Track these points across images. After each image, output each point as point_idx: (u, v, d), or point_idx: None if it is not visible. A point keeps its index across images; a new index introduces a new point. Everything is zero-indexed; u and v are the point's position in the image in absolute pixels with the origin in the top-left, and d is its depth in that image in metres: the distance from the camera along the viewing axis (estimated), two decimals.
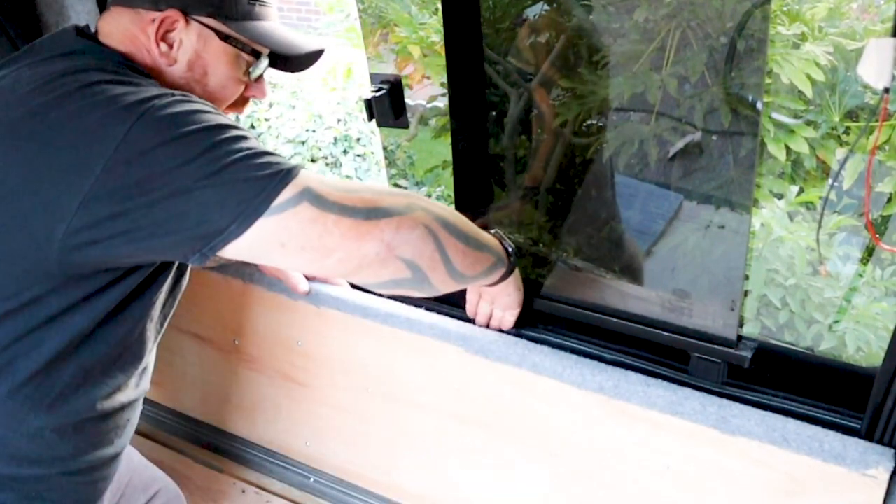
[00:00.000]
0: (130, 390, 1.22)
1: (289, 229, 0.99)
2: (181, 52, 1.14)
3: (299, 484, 1.79)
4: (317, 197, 1.00)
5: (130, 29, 1.14)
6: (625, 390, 1.33)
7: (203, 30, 1.15)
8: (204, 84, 1.17)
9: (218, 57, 1.17)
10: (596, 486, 1.41)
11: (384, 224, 1.02)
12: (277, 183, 0.98)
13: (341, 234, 1.00)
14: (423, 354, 1.51)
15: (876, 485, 1.15)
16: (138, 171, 0.96)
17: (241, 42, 1.17)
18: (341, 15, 4.00)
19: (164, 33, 1.13)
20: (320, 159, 3.90)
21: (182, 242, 1.00)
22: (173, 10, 1.12)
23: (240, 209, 0.97)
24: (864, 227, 1.94)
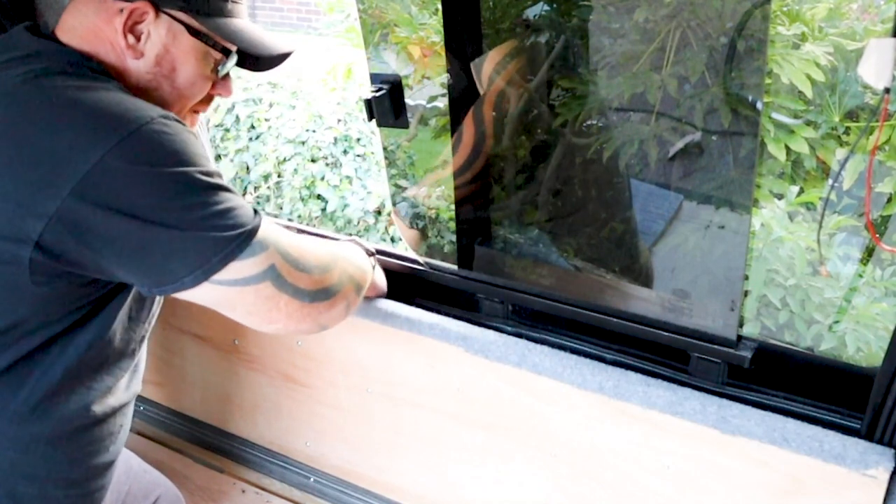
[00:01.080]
0: (121, 393, 1.21)
1: (245, 300, 1.06)
2: (149, 45, 1.10)
3: (299, 484, 1.79)
4: (278, 276, 1.06)
5: (94, 21, 1.09)
6: (625, 390, 1.33)
7: (173, 23, 1.11)
8: (172, 80, 1.14)
9: (187, 52, 1.13)
10: (596, 485, 1.41)
11: (322, 307, 1.14)
12: (237, 246, 1.01)
13: (287, 314, 1.10)
14: (423, 354, 1.51)
15: (876, 485, 1.15)
16: (109, 199, 0.95)
17: (212, 38, 1.15)
18: (341, 15, 4.00)
19: (132, 25, 1.09)
20: (320, 159, 3.90)
21: (136, 275, 1.02)
22: (143, 2, 1.09)
23: (198, 264, 0.99)
24: (864, 228, 1.94)
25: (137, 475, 1.50)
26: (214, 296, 1.04)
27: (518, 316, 1.54)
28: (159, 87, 1.13)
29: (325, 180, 3.86)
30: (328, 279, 1.15)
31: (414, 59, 1.74)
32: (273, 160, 3.91)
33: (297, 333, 1.21)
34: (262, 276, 1.04)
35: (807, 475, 1.21)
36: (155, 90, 1.13)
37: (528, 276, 1.57)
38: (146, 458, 1.61)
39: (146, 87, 1.12)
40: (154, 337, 1.91)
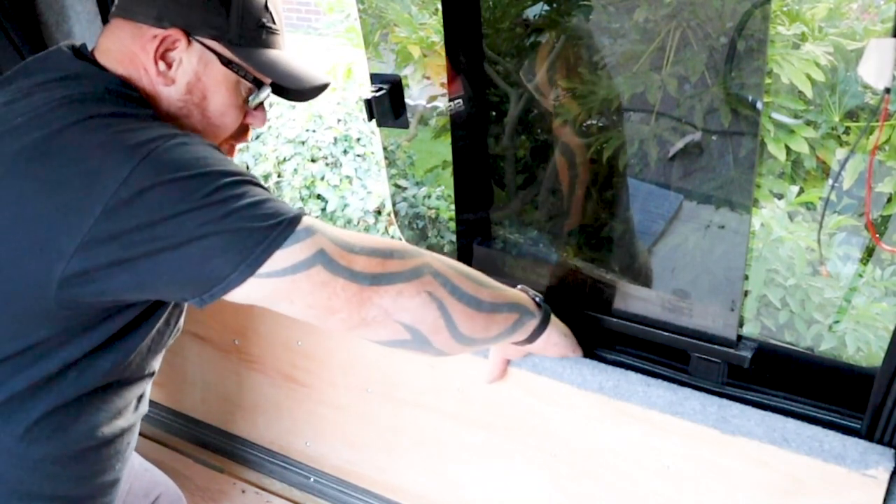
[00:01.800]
0: (130, 414, 1.20)
1: (300, 290, 1.02)
2: (180, 72, 1.11)
3: (299, 484, 1.79)
4: (330, 260, 1.01)
5: (130, 46, 1.10)
6: (625, 390, 1.33)
7: (205, 52, 1.11)
8: (203, 108, 1.14)
9: (218, 82, 1.13)
10: (596, 485, 1.42)
11: (384, 291, 1.05)
12: (279, 234, 0.98)
13: (347, 299, 1.03)
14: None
15: (876, 485, 1.15)
16: (140, 214, 0.94)
17: (243, 69, 1.14)
18: (341, 15, 4.00)
19: (164, 52, 1.09)
20: (320, 159, 3.90)
21: (182, 288, 1.00)
22: (176, 29, 1.09)
23: (241, 257, 0.96)
24: (864, 227, 1.94)
25: (138, 474, 1.50)
26: (267, 291, 1.01)
27: None
28: (190, 114, 1.13)
29: (325, 180, 3.86)
30: (395, 265, 1.06)
31: (414, 59, 1.74)
32: (273, 160, 3.91)
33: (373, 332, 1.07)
34: (312, 261, 1.00)
35: (807, 475, 1.21)
36: (186, 118, 1.13)
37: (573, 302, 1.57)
38: (146, 458, 1.61)
39: (177, 114, 1.12)
40: None
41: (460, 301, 1.11)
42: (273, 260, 0.98)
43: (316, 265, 1.00)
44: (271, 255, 0.97)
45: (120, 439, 1.18)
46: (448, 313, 1.10)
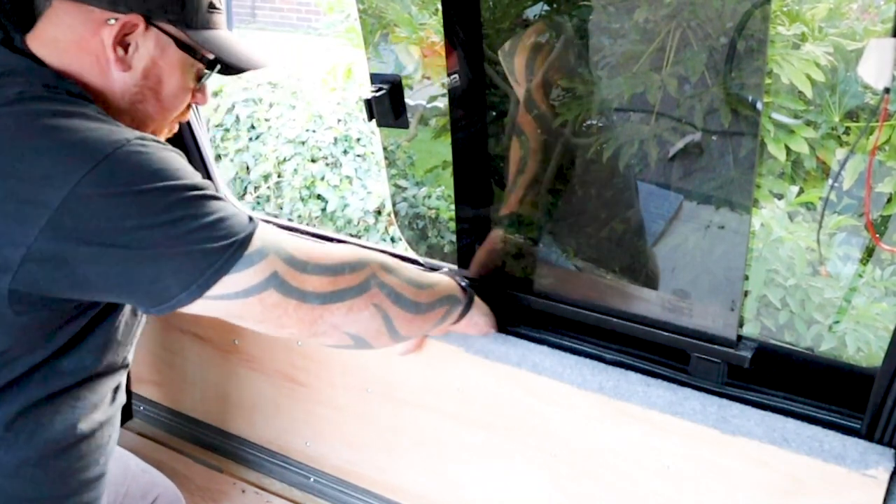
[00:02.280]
0: (106, 406, 1.18)
1: (252, 311, 1.04)
2: (136, 57, 1.08)
3: (299, 484, 1.79)
4: (282, 283, 1.03)
5: (79, 31, 1.06)
6: (625, 390, 1.33)
7: (161, 36, 1.09)
8: (157, 92, 1.12)
9: (174, 65, 1.12)
10: (596, 485, 1.41)
11: (334, 308, 1.09)
12: (231, 257, 0.98)
13: (298, 318, 1.07)
14: (423, 354, 1.51)
15: (876, 485, 1.15)
16: (84, 230, 0.93)
17: (199, 52, 1.14)
18: (341, 15, 4.00)
19: (122, 36, 1.06)
20: (320, 159, 3.90)
21: (131, 297, 1.01)
22: (135, 15, 1.06)
23: (192, 279, 0.97)
24: (864, 228, 1.94)
25: (135, 475, 1.49)
26: (218, 311, 1.03)
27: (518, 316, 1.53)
28: (144, 99, 1.11)
29: (325, 180, 3.86)
30: (345, 281, 1.10)
31: (414, 59, 1.74)
32: (273, 160, 3.91)
33: (319, 340, 1.12)
34: (265, 285, 1.02)
35: (807, 475, 1.21)
36: (140, 103, 1.11)
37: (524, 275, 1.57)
38: (146, 458, 1.61)
39: (131, 100, 1.10)
40: (154, 337, 1.91)
41: (402, 308, 1.18)
42: (224, 283, 0.99)
43: (269, 288, 1.03)
44: (221, 279, 0.99)
45: (100, 433, 1.17)
46: (390, 321, 1.17)
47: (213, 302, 1.01)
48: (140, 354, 1.96)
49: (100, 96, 1.07)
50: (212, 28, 1.15)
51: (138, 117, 1.12)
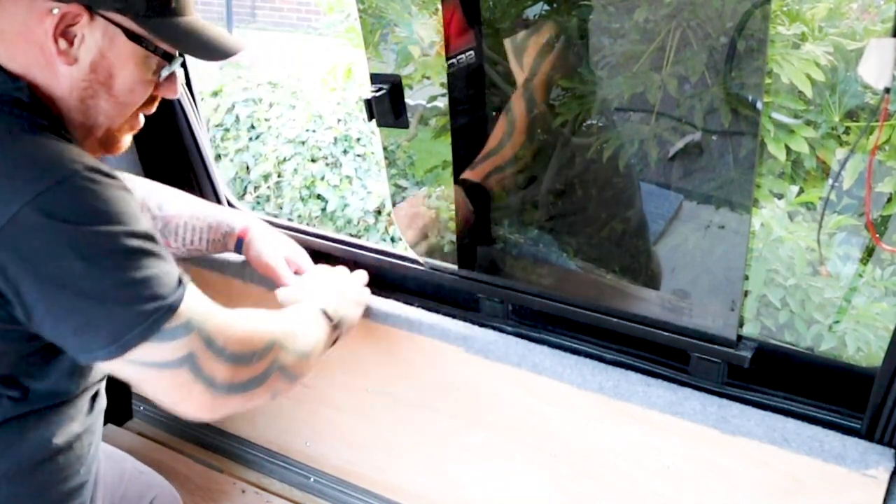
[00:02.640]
0: (83, 417, 1.15)
1: (160, 383, 1.02)
2: (82, 49, 1.00)
3: (299, 484, 1.79)
4: (196, 366, 1.01)
5: (24, 21, 0.98)
6: (625, 390, 1.33)
7: (109, 26, 1.00)
8: (109, 87, 1.04)
9: (125, 58, 1.03)
10: (596, 485, 1.41)
11: (236, 398, 1.08)
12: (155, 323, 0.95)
13: (200, 402, 1.05)
14: (423, 354, 1.51)
15: (876, 485, 1.15)
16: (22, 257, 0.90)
17: (152, 43, 1.04)
18: (341, 15, 4.00)
19: (65, 28, 0.98)
20: (320, 159, 3.90)
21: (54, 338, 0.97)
22: (76, 5, 0.98)
23: (112, 339, 0.94)
24: (864, 227, 1.94)
25: (132, 477, 1.48)
26: (128, 372, 0.99)
27: (518, 316, 1.53)
28: (95, 95, 1.04)
29: (325, 180, 3.86)
30: (251, 371, 1.09)
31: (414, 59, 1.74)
32: (273, 160, 3.91)
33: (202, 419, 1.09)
34: (180, 363, 0.99)
35: (807, 475, 1.21)
36: (91, 98, 1.04)
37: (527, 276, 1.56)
38: (146, 459, 1.60)
39: (80, 96, 1.03)
40: None
41: (292, 382, 1.20)
42: (142, 350, 0.96)
43: (183, 367, 1.00)
44: (141, 344, 0.95)
45: (78, 444, 1.14)
46: (279, 393, 1.18)
47: (126, 364, 0.97)
48: None
49: (48, 93, 1.02)
50: (172, 15, 1.05)
51: (91, 114, 1.06)
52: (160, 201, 1.50)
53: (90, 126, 1.06)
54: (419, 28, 1.51)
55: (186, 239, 1.52)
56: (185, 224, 1.50)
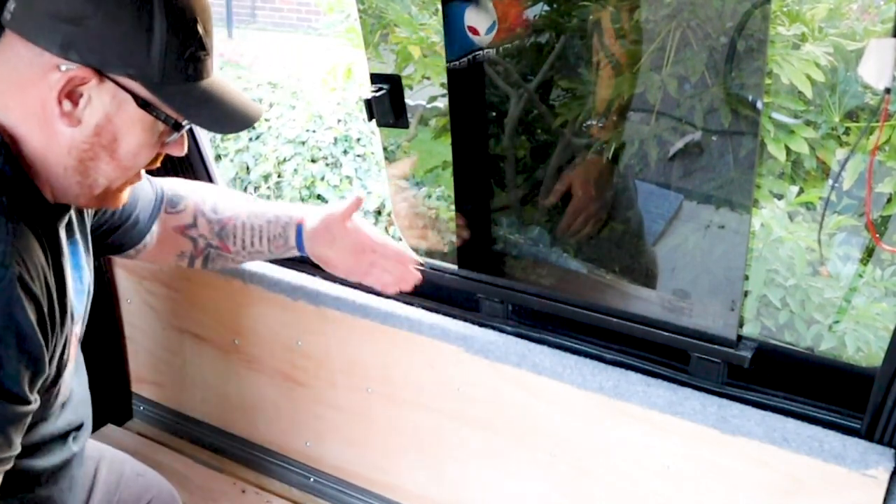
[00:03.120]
0: (59, 451, 1.12)
1: None
2: (87, 111, 0.95)
3: (299, 484, 1.79)
4: None
5: (24, 72, 0.93)
6: (625, 390, 1.33)
7: (119, 91, 0.95)
8: (112, 150, 0.99)
9: (132, 123, 0.97)
10: (595, 485, 1.42)
11: None
12: None
13: None
14: (423, 354, 1.51)
15: (876, 485, 1.15)
16: None
17: (162, 112, 0.98)
18: (341, 15, 4.00)
19: (72, 88, 0.93)
20: (320, 159, 3.90)
21: None
22: (87, 69, 0.92)
23: None
24: (864, 228, 1.94)
25: (129, 481, 1.45)
26: None
27: (518, 316, 1.54)
28: (96, 157, 0.99)
29: (325, 180, 3.86)
30: None
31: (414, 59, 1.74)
32: (273, 160, 3.91)
33: None
34: None
35: (807, 475, 1.21)
36: (91, 160, 0.99)
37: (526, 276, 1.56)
38: (146, 459, 1.60)
39: (80, 157, 0.98)
40: (154, 337, 1.91)
41: None
42: None
43: None
44: None
45: (62, 474, 1.11)
46: None
47: None
48: (140, 354, 1.96)
49: (39, 151, 0.96)
50: (188, 81, 0.98)
51: (90, 175, 1.00)
52: (214, 204, 1.42)
53: (89, 185, 1.01)
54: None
55: (246, 241, 1.43)
56: (242, 225, 1.42)
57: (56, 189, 1.01)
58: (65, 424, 1.15)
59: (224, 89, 1.03)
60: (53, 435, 1.13)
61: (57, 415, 1.13)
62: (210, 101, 1.01)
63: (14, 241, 0.91)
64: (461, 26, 1.39)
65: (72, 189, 1.01)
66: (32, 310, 0.91)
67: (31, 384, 0.94)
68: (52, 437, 1.13)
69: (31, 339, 0.91)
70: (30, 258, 0.92)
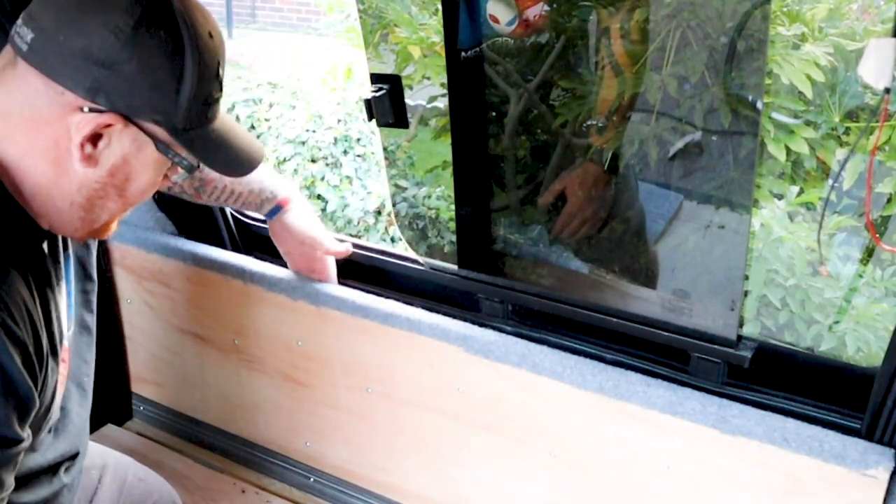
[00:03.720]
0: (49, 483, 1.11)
1: None
2: (106, 153, 0.94)
3: (299, 484, 1.79)
4: None
5: (40, 109, 0.91)
6: (625, 390, 1.33)
7: (140, 135, 0.95)
8: (122, 189, 0.99)
9: (147, 165, 0.98)
10: (595, 485, 1.42)
11: None
12: None
13: None
14: (423, 354, 1.51)
15: (876, 485, 1.15)
16: None
17: (179, 156, 0.99)
18: (341, 15, 4.00)
19: (96, 132, 0.92)
20: (320, 159, 3.90)
21: None
22: (114, 115, 0.91)
23: None
24: (864, 228, 1.94)
25: (130, 487, 1.46)
26: None
27: (518, 316, 1.54)
28: (105, 196, 0.99)
29: (325, 180, 3.86)
30: None
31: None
32: (273, 160, 3.91)
33: None
34: None
35: (807, 475, 1.21)
36: (100, 199, 0.99)
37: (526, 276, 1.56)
38: (146, 459, 1.61)
39: (89, 195, 0.97)
40: (154, 337, 1.91)
41: None
42: None
43: None
44: None
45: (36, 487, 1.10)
46: None
47: None
48: (140, 354, 1.96)
49: (44, 185, 0.95)
50: (203, 125, 0.99)
51: (95, 211, 1.00)
52: None
53: (91, 220, 1.01)
54: None
55: (220, 199, 1.52)
56: (224, 187, 1.49)
57: (54, 222, 0.99)
58: (55, 456, 1.14)
59: (231, 128, 1.05)
60: (42, 467, 1.11)
61: (47, 445, 1.11)
62: (223, 145, 1.02)
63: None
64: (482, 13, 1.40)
65: (72, 223, 1.00)
66: (17, 353, 0.90)
67: (22, 421, 0.94)
68: (41, 470, 1.11)
69: (18, 382, 0.91)
70: (13, 301, 0.91)
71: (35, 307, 0.97)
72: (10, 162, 0.93)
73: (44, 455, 1.11)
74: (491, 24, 1.41)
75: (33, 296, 0.97)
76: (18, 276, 0.94)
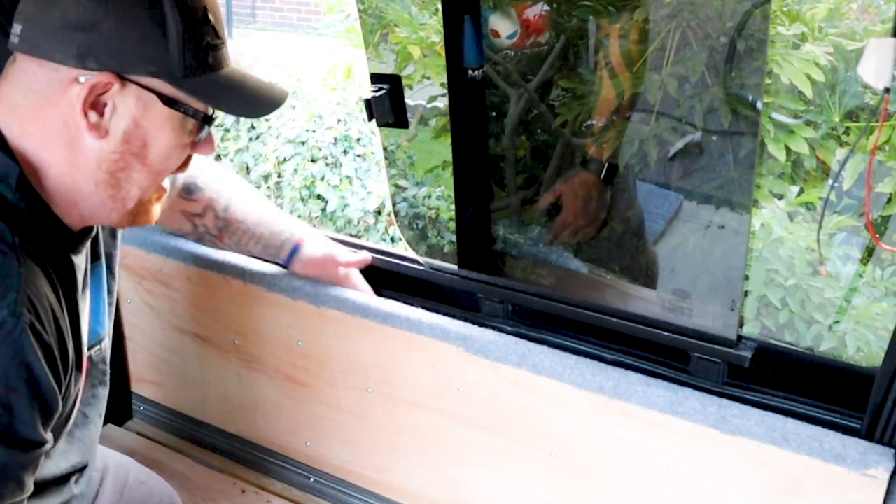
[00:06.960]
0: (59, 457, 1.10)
1: None
2: (115, 120, 0.93)
3: (299, 484, 1.79)
4: None
5: (42, 94, 0.91)
6: (625, 390, 1.33)
7: (143, 92, 0.93)
8: (143, 157, 0.96)
9: (161, 125, 0.95)
10: (595, 485, 1.42)
11: None
12: None
13: None
14: (423, 354, 1.51)
15: (876, 485, 1.15)
16: None
17: (190, 107, 0.96)
18: (341, 15, 4.00)
19: (95, 98, 0.91)
20: (320, 159, 3.90)
21: None
22: (106, 73, 0.90)
23: None
24: (864, 228, 1.94)
25: (132, 490, 1.46)
26: None
27: (518, 316, 1.54)
28: (127, 167, 0.96)
29: (325, 180, 3.86)
30: None
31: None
32: (273, 160, 3.92)
33: None
34: None
35: (807, 475, 1.21)
36: (122, 170, 0.97)
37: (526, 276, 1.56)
38: (146, 459, 1.60)
39: (111, 169, 0.96)
40: (154, 337, 1.91)
41: None
42: None
43: None
44: None
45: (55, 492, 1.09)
46: None
47: None
48: (140, 354, 1.96)
49: (66, 172, 0.95)
50: (209, 70, 0.97)
51: (123, 187, 0.98)
52: (228, 203, 1.52)
53: (122, 198, 0.99)
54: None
55: (242, 242, 1.56)
56: (246, 230, 1.55)
57: (86, 210, 0.99)
58: (68, 466, 1.13)
59: (245, 75, 1.03)
60: (55, 476, 1.11)
61: (60, 453, 1.11)
62: (236, 88, 1.00)
63: (26, 287, 0.89)
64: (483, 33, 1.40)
65: (105, 206, 0.99)
66: (44, 356, 0.90)
67: (45, 424, 0.94)
68: (53, 479, 1.10)
69: (44, 386, 0.90)
70: (41, 304, 0.91)
71: (63, 315, 0.96)
72: (31, 155, 0.94)
73: (56, 464, 1.11)
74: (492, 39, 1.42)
75: (60, 301, 0.96)
76: (47, 282, 0.93)
